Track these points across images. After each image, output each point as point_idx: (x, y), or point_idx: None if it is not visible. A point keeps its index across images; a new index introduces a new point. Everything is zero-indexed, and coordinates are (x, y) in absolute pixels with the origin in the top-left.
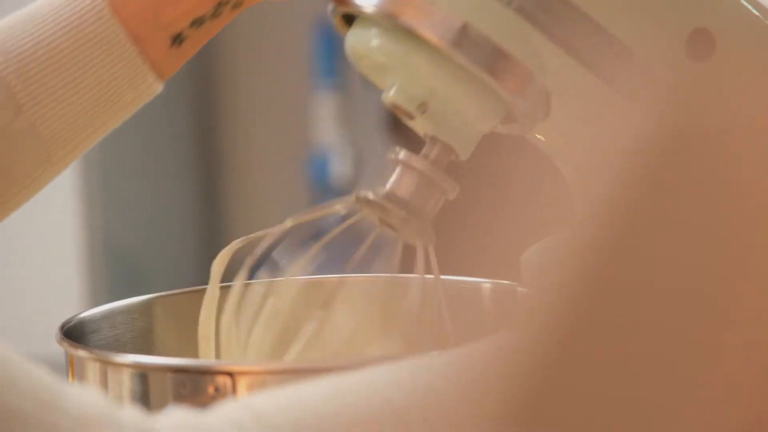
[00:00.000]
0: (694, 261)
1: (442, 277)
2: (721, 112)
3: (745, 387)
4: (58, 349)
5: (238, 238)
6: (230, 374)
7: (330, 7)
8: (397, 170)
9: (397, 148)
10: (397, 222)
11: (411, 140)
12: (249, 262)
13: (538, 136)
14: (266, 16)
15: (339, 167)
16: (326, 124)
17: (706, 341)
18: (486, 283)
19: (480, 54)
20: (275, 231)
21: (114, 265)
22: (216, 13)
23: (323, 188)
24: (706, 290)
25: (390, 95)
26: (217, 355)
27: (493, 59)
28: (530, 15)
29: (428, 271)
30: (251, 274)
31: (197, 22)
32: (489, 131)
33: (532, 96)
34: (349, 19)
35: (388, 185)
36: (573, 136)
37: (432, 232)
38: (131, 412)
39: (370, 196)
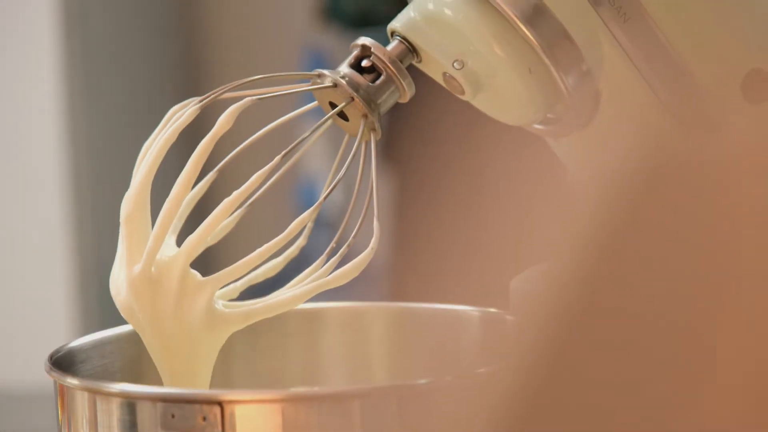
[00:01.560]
0: (677, 288)
1: (431, 305)
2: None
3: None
4: (47, 378)
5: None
6: (219, 403)
7: None
8: (355, 55)
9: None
10: (344, 102)
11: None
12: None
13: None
14: (255, 39)
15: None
16: (315, 151)
17: (691, 366)
18: (474, 311)
19: (548, 36)
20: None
21: (104, 293)
22: None
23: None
24: (691, 318)
25: (450, 67)
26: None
27: (557, 43)
28: (603, 12)
29: (369, 165)
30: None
31: None
32: (532, 123)
33: (584, 92)
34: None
35: (345, 68)
36: (597, 147)
37: (379, 127)
38: None
39: (327, 72)
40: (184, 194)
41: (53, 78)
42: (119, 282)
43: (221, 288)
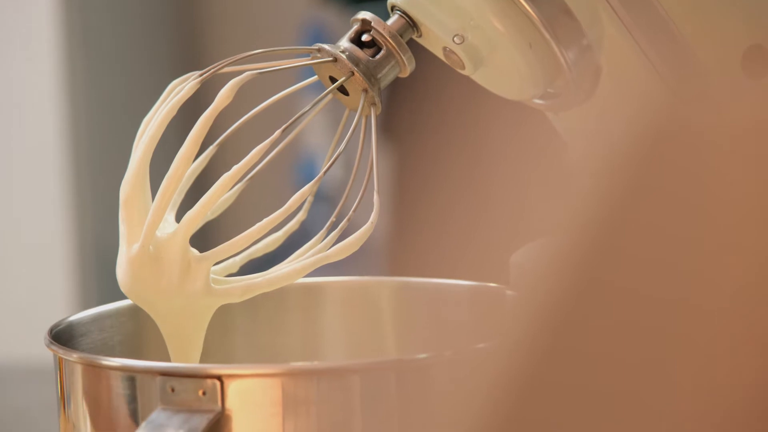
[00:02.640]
0: (680, 262)
1: (431, 280)
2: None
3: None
4: (46, 352)
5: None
6: (219, 377)
7: None
8: (356, 29)
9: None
10: (344, 76)
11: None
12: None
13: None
14: (256, 17)
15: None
16: (315, 127)
17: (692, 342)
18: (473, 286)
19: (548, 11)
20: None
21: (103, 268)
22: None
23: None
24: (692, 290)
25: (450, 41)
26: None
27: (558, 18)
28: None
29: (369, 140)
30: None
31: None
32: (532, 98)
33: (584, 67)
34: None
35: (345, 43)
36: (597, 122)
37: (379, 101)
38: None
39: (327, 47)
40: (183, 170)
41: (53, 56)
42: (120, 261)
43: (221, 262)
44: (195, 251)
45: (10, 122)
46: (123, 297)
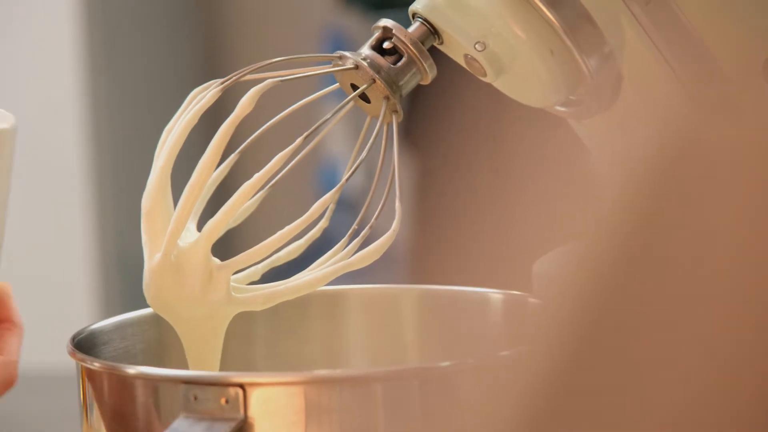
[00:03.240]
0: (705, 267)
1: (453, 288)
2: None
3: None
4: (69, 360)
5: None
6: (241, 386)
7: None
8: (377, 36)
9: (383, 19)
10: (365, 84)
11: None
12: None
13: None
14: (277, 25)
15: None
16: (336, 134)
17: (721, 345)
18: (496, 294)
19: (570, 18)
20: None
21: (125, 277)
22: None
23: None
24: (719, 295)
25: (471, 49)
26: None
27: (579, 26)
28: None
29: (390, 147)
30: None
31: None
32: (554, 105)
33: (605, 75)
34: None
35: (366, 50)
36: (619, 129)
37: (401, 108)
38: None
39: (348, 54)
40: (205, 179)
41: (75, 65)
42: (144, 272)
43: (243, 270)
44: (216, 260)
45: (33, 132)
46: (145, 305)
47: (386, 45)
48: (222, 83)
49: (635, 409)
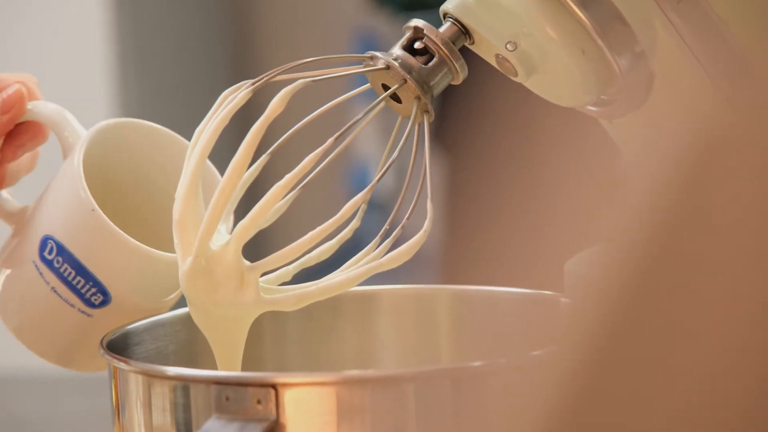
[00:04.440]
0: (736, 269)
1: (484, 288)
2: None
3: None
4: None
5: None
6: (274, 386)
7: None
8: (408, 36)
9: (414, 19)
10: (397, 84)
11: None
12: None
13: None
14: (308, 25)
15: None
16: (367, 134)
17: (754, 351)
18: (528, 294)
19: (601, 18)
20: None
21: None
22: None
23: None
24: (750, 298)
25: (503, 48)
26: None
27: (611, 25)
28: None
29: (422, 147)
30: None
31: None
32: (585, 105)
33: (637, 74)
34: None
35: (398, 50)
36: (651, 129)
37: (432, 108)
38: None
39: (380, 54)
40: (236, 181)
41: (105, 65)
42: (179, 277)
43: (274, 271)
44: (246, 262)
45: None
46: (176, 306)
47: (417, 45)
48: (253, 84)
49: (662, 409)
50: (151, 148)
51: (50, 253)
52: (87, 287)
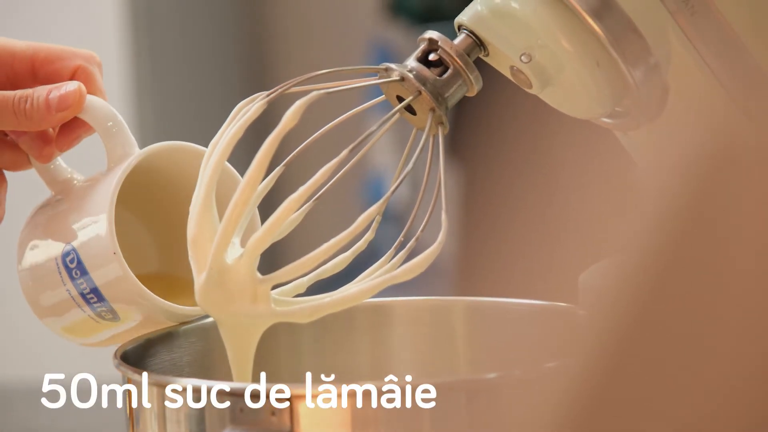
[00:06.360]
0: (749, 280)
1: (499, 300)
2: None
3: None
4: (115, 372)
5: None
6: (288, 398)
7: None
8: (423, 48)
9: (429, 31)
10: (411, 95)
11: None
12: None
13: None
14: (322, 37)
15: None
16: (382, 146)
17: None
18: (542, 306)
19: (616, 29)
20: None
21: None
22: None
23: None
24: (766, 304)
25: (517, 60)
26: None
27: (625, 37)
28: (671, 5)
29: (436, 159)
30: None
31: None
32: (599, 117)
33: (651, 86)
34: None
35: (412, 62)
36: (666, 140)
37: (447, 120)
38: None
39: (394, 66)
40: (250, 194)
41: (120, 77)
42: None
43: (288, 282)
44: (259, 275)
45: (77, 149)
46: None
47: (432, 57)
48: (267, 95)
49: (679, 422)
50: (196, 170)
51: (72, 262)
52: (100, 305)
